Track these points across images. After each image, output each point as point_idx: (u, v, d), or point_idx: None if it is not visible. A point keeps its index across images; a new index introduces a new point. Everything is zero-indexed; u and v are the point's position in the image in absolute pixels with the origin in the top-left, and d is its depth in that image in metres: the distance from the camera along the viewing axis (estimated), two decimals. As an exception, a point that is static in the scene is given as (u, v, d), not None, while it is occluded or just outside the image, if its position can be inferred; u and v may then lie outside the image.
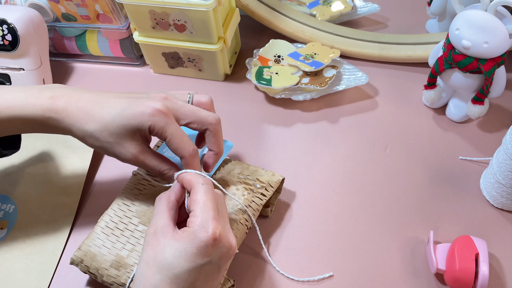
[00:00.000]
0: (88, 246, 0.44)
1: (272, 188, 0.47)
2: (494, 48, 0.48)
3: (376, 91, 0.63)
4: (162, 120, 0.39)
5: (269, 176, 0.48)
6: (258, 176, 0.48)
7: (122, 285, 0.42)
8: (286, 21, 0.68)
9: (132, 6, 0.57)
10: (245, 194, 0.46)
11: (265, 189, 0.47)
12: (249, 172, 0.48)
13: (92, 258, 0.43)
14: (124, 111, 0.40)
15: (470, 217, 0.49)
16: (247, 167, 0.49)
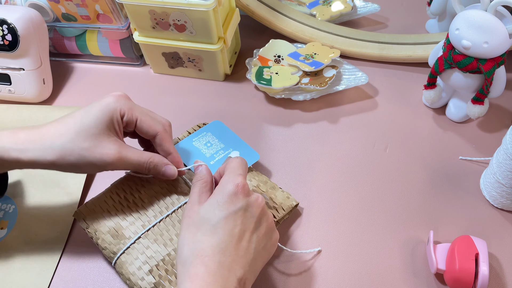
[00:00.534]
0: (94, 205, 0.46)
1: (283, 211, 0.48)
2: (494, 48, 0.48)
3: (376, 91, 0.63)
4: (128, 102, 0.42)
5: (283, 199, 0.49)
6: (272, 196, 0.48)
7: (113, 253, 0.44)
8: (286, 21, 0.68)
9: (132, 6, 0.57)
10: None
11: (276, 210, 0.47)
12: (265, 188, 0.49)
13: (94, 218, 0.45)
14: (88, 111, 0.40)
15: (470, 217, 0.49)
16: (265, 182, 0.50)
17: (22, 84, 0.62)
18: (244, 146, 0.53)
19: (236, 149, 0.52)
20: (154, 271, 0.42)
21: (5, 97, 0.65)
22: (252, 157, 0.52)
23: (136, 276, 0.42)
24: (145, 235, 0.44)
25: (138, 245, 0.43)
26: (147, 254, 0.43)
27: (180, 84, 0.66)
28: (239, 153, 0.51)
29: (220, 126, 0.55)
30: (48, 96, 0.66)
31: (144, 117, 0.42)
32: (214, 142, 0.53)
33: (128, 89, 0.66)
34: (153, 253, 0.43)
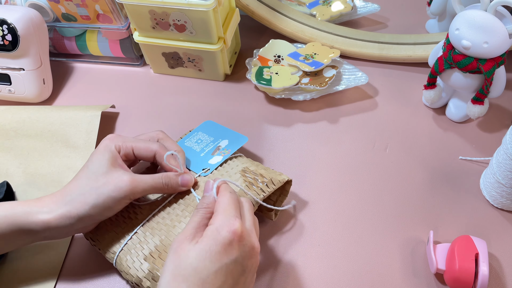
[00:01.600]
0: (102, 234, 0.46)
1: (273, 186, 0.46)
2: (494, 48, 0.48)
3: (376, 91, 0.63)
4: (120, 138, 0.45)
5: (274, 174, 0.47)
6: (262, 172, 0.47)
7: (113, 253, 0.44)
8: (286, 21, 0.68)
9: (132, 6, 0.57)
10: (243, 185, 0.45)
11: (266, 185, 0.46)
12: (255, 167, 0.48)
13: (97, 227, 0.46)
14: (91, 159, 0.43)
15: (470, 217, 0.49)
16: (256, 164, 0.49)
17: (22, 84, 0.62)
18: (232, 134, 0.53)
19: (225, 139, 0.52)
20: (148, 258, 0.42)
21: (5, 97, 0.65)
22: (240, 141, 0.51)
23: (133, 268, 0.42)
24: (140, 229, 0.45)
25: (134, 239, 0.44)
26: (142, 245, 0.43)
27: (180, 84, 0.66)
28: (228, 141, 0.51)
29: (211, 124, 0.55)
30: (48, 96, 0.66)
31: (137, 144, 0.45)
32: (204, 138, 0.53)
33: (128, 89, 0.66)
34: (147, 243, 0.43)
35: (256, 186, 0.45)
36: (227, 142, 0.51)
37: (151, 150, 0.45)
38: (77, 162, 0.55)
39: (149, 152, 0.45)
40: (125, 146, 0.45)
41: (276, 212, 0.50)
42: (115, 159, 0.43)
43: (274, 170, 0.48)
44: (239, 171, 0.47)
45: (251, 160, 0.50)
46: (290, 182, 0.48)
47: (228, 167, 0.48)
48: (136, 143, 0.45)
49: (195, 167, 0.49)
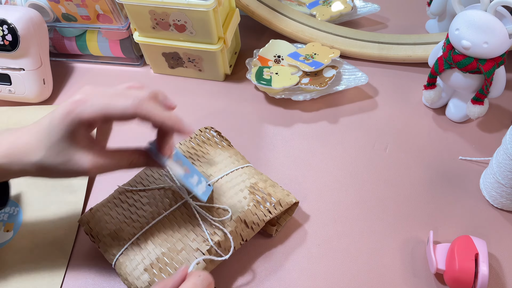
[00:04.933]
0: (97, 210, 0.47)
1: (281, 207, 0.46)
2: (494, 48, 0.48)
3: (376, 91, 0.63)
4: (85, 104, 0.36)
5: (282, 195, 0.47)
6: (271, 192, 0.47)
7: (112, 255, 0.44)
8: (286, 21, 0.68)
9: (132, 6, 0.57)
10: (250, 205, 0.46)
11: (274, 206, 0.46)
12: (264, 185, 0.48)
13: (96, 223, 0.46)
14: (52, 123, 0.37)
15: (470, 217, 0.49)
16: (264, 180, 0.49)
17: (22, 84, 0.62)
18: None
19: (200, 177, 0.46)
20: (149, 269, 0.42)
21: (5, 97, 0.65)
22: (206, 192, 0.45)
23: (132, 276, 0.42)
24: (142, 236, 0.45)
25: (135, 245, 0.44)
26: (143, 254, 0.43)
27: (180, 84, 0.66)
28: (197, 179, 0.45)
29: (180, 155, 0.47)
30: (48, 96, 0.66)
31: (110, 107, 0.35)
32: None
33: (128, 89, 0.66)
34: (148, 252, 0.43)
35: (264, 206, 0.46)
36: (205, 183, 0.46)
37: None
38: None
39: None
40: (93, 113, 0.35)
41: (277, 228, 0.49)
42: (75, 136, 0.36)
43: (281, 188, 0.48)
44: (248, 187, 0.47)
45: (259, 172, 0.50)
46: (297, 203, 0.48)
47: (236, 180, 0.48)
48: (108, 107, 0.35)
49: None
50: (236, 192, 0.47)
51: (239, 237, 0.44)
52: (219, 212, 0.45)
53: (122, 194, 0.48)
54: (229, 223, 0.44)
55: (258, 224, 0.45)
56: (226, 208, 0.45)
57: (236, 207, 0.45)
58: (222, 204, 0.46)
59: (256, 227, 0.45)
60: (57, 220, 0.51)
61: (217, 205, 0.45)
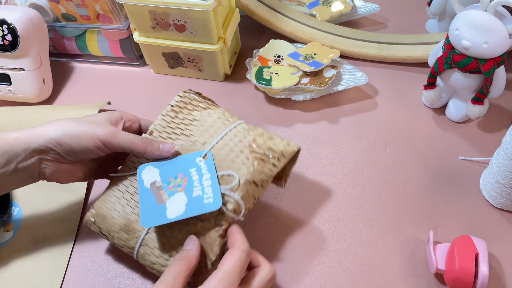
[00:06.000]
0: (99, 207, 0.45)
1: (284, 158, 0.45)
2: (494, 48, 0.48)
3: (376, 91, 0.63)
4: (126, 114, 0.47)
5: (283, 146, 0.45)
6: (271, 145, 0.45)
7: (131, 248, 0.43)
8: (286, 21, 0.68)
9: (132, 6, 0.57)
10: (255, 164, 0.43)
11: (277, 159, 0.44)
12: (262, 140, 0.45)
13: (103, 220, 0.45)
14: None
15: (470, 217, 0.49)
16: (261, 134, 0.46)
17: (22, 84, 0.62)
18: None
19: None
20: (174, 254, 0.41)
21: (5, 97, 0.65)
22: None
23: (158, 264, 0.42)
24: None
25: (151, 234, 0.43)
26: (162, 241, 0.42)
27: (180, 84, 0.66)
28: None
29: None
30: (48, 96, 0.66)
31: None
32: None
33: (128, 89, 0.66)
34: (167, 238, 0.42)
35: (268, 163, 0.44)
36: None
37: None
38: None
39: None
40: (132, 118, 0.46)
41: (285, 179, 0.48)
42: (115, 119, 0.44)
43: (280, 139, 0.46)
44: (247, 147, 0.44)
45: (253, 127, 0.47)
46: (299, 151, 0.46)
47: (233, 141, 0.45)
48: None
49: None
50: (237, 155, 0.44)
51: (251, 198, 0.43)
52: (225, 179, 0.43)
53: (119, 184, 0.46)
54: (239, 188, 0.42)
55: (267, 180, 0.44)
56: (232, 174, 0.43)
57: (242, 171, 0.43)
58: (226, 170, 0.43)
59: (266, 184, 0.44)
60: (57, 220, 0.51)
61: (221, 172, 0.43)
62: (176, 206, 0.41)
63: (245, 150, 0.44)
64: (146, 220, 0.40)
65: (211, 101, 0.50)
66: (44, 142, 0.41)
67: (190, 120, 0.47)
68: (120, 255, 0.48)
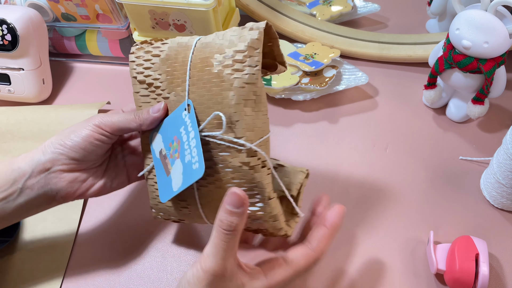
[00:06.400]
0: (154, 204, 0.43)
1: (253, 49, 0.36)
2: (494, 48, 0.48)
3: (376, 91, 0.63)
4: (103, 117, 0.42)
5: (245, 35, 0.36)
6: (234, 41, 0.36)
7: (200, 217, 0.41)
8: (286, 21, 0.68)
9: (132, 6, 0.57)
10: (232, 78, 0.36)
11: (248, 54, 0.36)
12: (221, 43, 0.37)
13: (165, 212, 0.43)
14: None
15: (470, 217, 0.49)
16: (215, 37, 0.39)
17: (22, 84, 0.62)
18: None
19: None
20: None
21: (5, 97, 0.64)
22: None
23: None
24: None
25: (201, 190, 0.40)
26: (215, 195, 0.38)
27: (180, 84, 0.66)
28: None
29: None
30: (48, 96, 0.66)
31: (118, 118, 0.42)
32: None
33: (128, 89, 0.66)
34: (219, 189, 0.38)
35: (243, 63, 0.36)
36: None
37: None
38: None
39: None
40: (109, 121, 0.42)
41: (281, 60, 0.43)
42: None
43: (238, 29, 0.38)
44: (215, 65, 0.37)
45: (207, 37, 0.40)
46: (268, 25, 0.38)
47: (200, 70, 0.38)
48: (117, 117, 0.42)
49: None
50: (210, 81, 0.37)
51: (255, 120, 0.36)
52: (215, 123, 0.36)
53: (152, 171, 0.42)
54: (235, 123, 0.36)
55: (256, 84, 0.35)
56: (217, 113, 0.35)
57: (225, 98, 0.36)
58: (209, 113, 0.36)
59: (260, 91, 0.36)
60: (57, 220, 0.51)
61: (207, 120, 0.36)
62: (177, 176, 0.37)
63: (214, 70, 0.36)
64: (163, 194, 0.38)
65: (159, 40, 0.42)
66: (50, 150, 0.41)
67: (155, 77, 0.41)
68: (120, 254, 0.48)
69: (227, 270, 0.33)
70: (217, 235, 0.33)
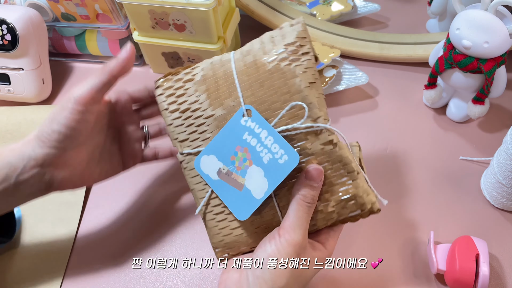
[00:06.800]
0: (219, 240, 0.40)
1: (303, 38, 0.38)
2: (495, 48, 0.48)
3: (376, 91, 0.63)
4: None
5: (288, 28, 0.39)
6: (282, 37, 0.39)
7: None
8: (286, 21, 0.68)
9: (132, 6, 0.57)
10: (292, 68, 0.37)
11: (299, 44, 0.38)
12: (270, 41, 0.40)
13: (234, 243, 0.39)
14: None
15: (471, 217, 0.49)
16: (260, 42, 0.41)
17: (22, 84, 0.62)
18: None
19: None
20: None
21: (5, 97, 0.64)
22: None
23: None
24: None
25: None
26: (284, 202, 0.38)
27: (180, 84, 0.66)
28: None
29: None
30: (48, 96, 0.65)
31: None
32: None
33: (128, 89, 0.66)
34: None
35: (298, 54, 0.38)
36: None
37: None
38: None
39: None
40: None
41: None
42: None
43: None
44: (269, 63, 0.38)
45: (243, 48, 0.41)
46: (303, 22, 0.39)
47: (251, 73, 0.38)
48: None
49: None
50: (269, 80, 0.37)
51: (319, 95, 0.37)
52: (285, 120, 0.37)
53: (209, 202, 0.40)
54: (312, 108, 0.36)
55: (313, 67, 0.37)
56: (293, 104, 0.36)
57: (291, 89, 0.37)
58: (277, 109, 0.37)
59: (316, 74, 0.37)
60: (56, 221, 0.51)
61: (277, 118, 0.37)
62: (257, 183, 0.36)
63: (269, 67, 0.37)
64: (240, 213, 0.37)
65: (186, 67, 0.42)
66: (36, 142, 0.39)
67: (193, 100, 0.40)
68: (120, 255, 0.48)
69: (306, 241, 0.36)
70: (301, 208, 0.35)
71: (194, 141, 0.39)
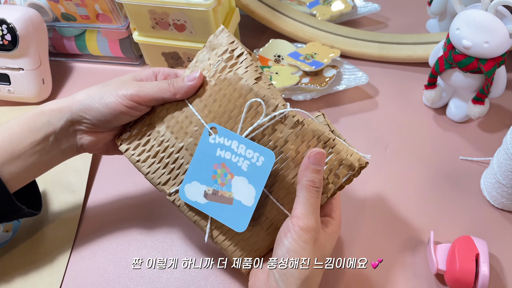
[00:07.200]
0: (238, 255, 0.40)
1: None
2: (495, 48, 0.48)
3: (376, 91, 0.63)
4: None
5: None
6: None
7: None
8: (286, 21, 0.68)
9: (132, 6, 0.57)
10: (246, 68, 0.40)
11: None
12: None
13: (249, 247, 0.40)
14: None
15: (471, 217, 0.49)
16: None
17: (22, 84, 0.62)
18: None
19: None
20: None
21: (5, 97, 0.64)
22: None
23: None
24: None
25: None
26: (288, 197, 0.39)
27: (180, 84, 0.66)
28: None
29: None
30: (48, 96, 0.65)
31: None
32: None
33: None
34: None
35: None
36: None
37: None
38: (77, 161, 0.55)
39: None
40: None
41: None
42: (145, 76, 0.43)
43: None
44: (215, 68, 0.41)
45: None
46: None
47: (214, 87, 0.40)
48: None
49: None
50: (220, 91, 0.40)
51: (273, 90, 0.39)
52: (248, 122, 0.39)
53: None
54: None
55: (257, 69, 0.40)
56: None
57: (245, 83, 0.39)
58: (231, 118, 0.39)
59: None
60: (56, 220, 0.51)
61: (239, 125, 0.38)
62: (244, 192, 0.37)
63: (214, 82, 0.40)
64: (238, 225, 0.37)
65: (139, 124, 0.43)
66: (76, 111, 0.41)
67: (160, 141, 0.42)
68: (120, 255, 0.48)
69: (320, 224, 0.36)
70: (310, 194, 0.36)
71: (176, 177, 0.41)
